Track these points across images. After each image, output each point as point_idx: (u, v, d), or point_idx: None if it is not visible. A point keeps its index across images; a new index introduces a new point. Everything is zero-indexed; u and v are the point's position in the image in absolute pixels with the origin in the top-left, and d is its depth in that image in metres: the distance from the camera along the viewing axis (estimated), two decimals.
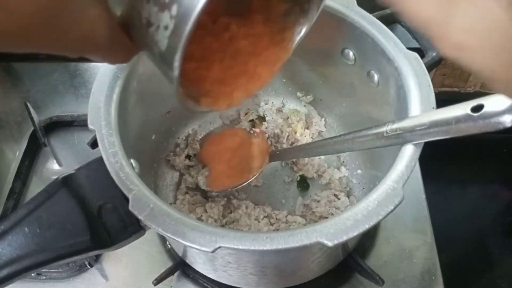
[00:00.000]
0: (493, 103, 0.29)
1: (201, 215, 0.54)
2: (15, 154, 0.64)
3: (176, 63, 0.24)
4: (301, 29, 0.37)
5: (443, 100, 0.38)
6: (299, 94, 0.63)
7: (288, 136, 0.61)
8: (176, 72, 0.25)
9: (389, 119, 0.39)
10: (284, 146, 0.60)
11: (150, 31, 0.25)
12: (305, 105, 0.63)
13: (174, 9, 0.23)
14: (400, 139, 0.38)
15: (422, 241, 0.55)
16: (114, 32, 0.26)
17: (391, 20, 0.50)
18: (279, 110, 0.64)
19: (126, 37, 0.27)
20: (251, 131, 0.62)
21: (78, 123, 0.66)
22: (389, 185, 0.35)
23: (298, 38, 0.37)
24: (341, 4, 0.46)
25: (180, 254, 0.53)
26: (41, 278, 0.54)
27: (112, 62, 0.29)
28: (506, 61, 0.22)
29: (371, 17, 0.46)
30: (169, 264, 0.53)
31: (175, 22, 0.23)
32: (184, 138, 0.61)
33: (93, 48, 0.26)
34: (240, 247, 0.33)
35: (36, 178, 0.63)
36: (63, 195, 0.37)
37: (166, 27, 0.24)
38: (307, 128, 0.62)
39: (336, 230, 0.33)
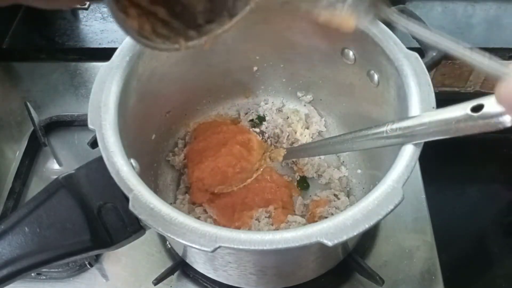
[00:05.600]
0: (493, 103, 0.29)
1: (201, 215, 0.54)
2: (15, 154, 0.64)
3: None
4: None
5: (443, 100, 0.38)
6: (299, 94, 0.63)
7: (288, 136, 0.61)
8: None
9: (389, 119, 0.39)
10: (284, 146, 0.60)
11: None
12: (305, 105, 0.63)
13: None
14: (400, 139, 0.38)
15: (422, 241, 0.55)
16: None
17: None
18: (279, 110, 0.64)
19: None
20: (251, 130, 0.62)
21: (78, 123, 0.66)
22: (389, 185, 0.35)
23: None
24: None
25: (180, 254, 0.53)
26: (41, 278, 0.54)
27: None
28: None
29: None
30: (169, 264, 0.53)
31: None
32: (182, 137, 0.61)
33: None
34: (240, 247, 0.33)
35: (36, 178, 0.63)
36: (63, 195, 0.37)
37: None
38: (307, 128, 0.62)
39: (336, 230, 0.33)
